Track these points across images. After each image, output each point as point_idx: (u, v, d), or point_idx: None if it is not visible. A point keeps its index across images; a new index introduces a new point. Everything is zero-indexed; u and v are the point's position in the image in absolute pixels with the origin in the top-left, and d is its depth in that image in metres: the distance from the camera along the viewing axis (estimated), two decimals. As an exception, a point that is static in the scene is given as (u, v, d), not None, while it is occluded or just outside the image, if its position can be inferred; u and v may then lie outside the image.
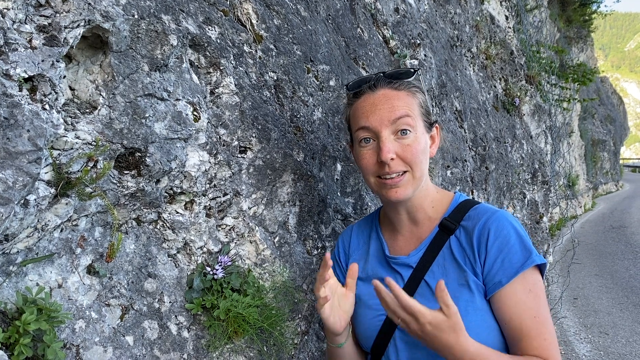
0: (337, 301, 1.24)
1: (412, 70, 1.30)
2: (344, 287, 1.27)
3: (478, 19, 5.13)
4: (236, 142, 1.43)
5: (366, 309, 1.32)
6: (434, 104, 3.14)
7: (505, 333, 1.17)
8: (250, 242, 1.46)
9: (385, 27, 2.86)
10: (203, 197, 1.34)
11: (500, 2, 6.28)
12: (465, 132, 3.73)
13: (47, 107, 0.92)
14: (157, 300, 1.21)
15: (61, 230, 1.03)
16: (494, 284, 1.16)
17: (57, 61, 0.95)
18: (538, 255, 1.16)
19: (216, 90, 1.42)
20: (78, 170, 1.01)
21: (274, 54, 1.69)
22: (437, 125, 1.35)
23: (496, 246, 1.16)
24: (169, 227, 1.27)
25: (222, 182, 1.39)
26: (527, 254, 1.15)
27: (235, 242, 1.43)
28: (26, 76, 0.88)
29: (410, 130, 1.22)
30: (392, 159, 1.21)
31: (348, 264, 1.43)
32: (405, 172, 1.23)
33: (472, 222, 1.22)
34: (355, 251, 1.45)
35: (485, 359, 1.07)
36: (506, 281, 1.14)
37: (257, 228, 1.47)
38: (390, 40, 2.86)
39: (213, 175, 1.37)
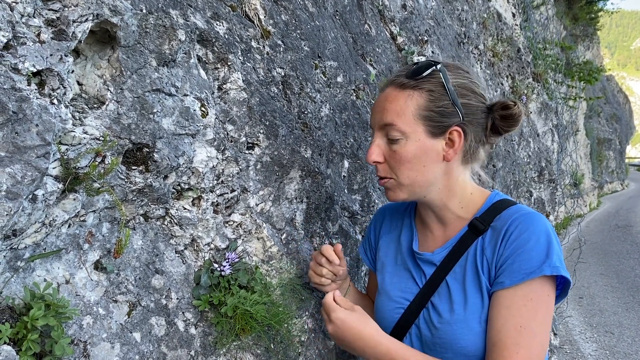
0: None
1: (429, 64, 1.17)
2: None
3: (485, 16, 5.10)
4: (244, 138, 1.42)
5: (387, 299, 1.32)
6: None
7: (487, 335, 1.10)
8: (258, 239, 1.45)
9: (392, 23, 2.84)
10: (210, 194, 1.34)
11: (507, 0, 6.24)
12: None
13: (55, 101, 0.91)
14: (164, 296, 1.21)
15: (69, 226, 1.02)
16: (497, 284, 1.10)
17: (66, 55, 0.94)
18: (555, 267, 1.06)
19: (224, 86, 1.41)
20: (86, 166, 1.00)
21: (281, 49, 1.68)
22: (457, 129, 1.17)
23: (513, 247, 1.10)
24: (176, 224, 1.27)
25: (229, 179, 1.38)
26: (542, 263, 1.06)
27: (243, 239, 1.43)
28: (34, 70, 0.87)
29: (399, 138, 1.15)
30: (376, 162, 1.21)
31: (377, 245, 1.46)
32: (390, 178, 1.21)
33: (501, 223, 1.15)
34: (386, 234, 1.44)
35: (400, 354, 1.12)
36: (509, 284, 1.08)
37: (264, 225, 1.46)
38: (398, 37, 2.84)
39: (220, 171, 1.36)
